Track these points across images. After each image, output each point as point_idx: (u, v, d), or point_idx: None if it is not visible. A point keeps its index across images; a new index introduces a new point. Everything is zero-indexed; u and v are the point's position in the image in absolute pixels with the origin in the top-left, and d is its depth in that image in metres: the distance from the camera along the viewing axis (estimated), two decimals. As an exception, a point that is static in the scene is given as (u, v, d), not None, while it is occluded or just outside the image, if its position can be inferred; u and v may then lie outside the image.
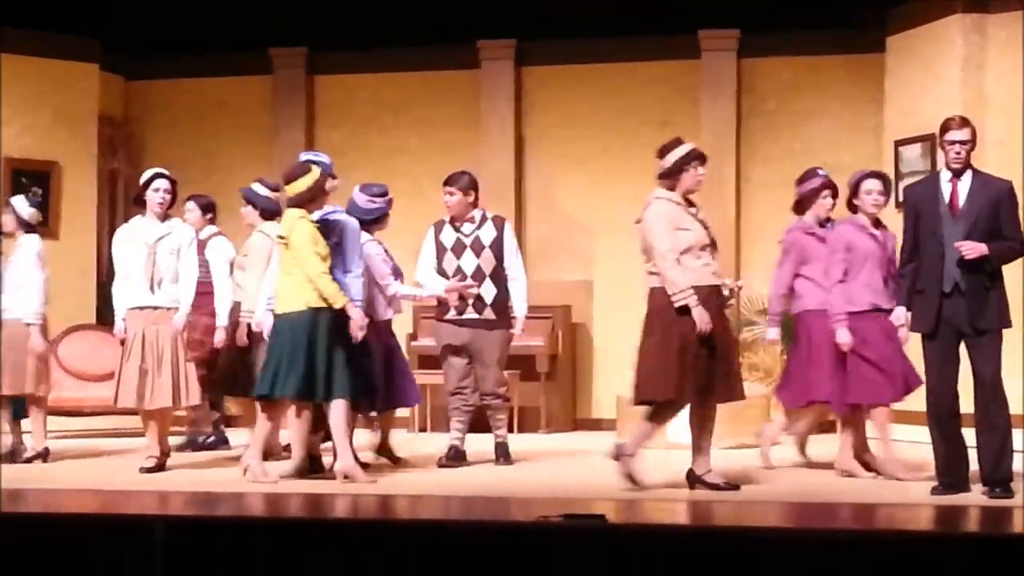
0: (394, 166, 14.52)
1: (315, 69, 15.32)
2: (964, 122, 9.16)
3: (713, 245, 9.37)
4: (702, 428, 9.53)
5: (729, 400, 9.56)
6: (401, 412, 11.39)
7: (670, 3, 14.05)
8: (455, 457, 10.78)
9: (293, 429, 10.05)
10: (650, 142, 14.65)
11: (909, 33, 13.29)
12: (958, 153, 9.04)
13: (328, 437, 9.93)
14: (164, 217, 10.56)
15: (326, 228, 9.90)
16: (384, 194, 10.75)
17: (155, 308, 10.45)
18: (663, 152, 9.42)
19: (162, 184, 10.51)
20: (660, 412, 9.47)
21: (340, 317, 9.68)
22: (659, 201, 9.32)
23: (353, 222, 10.15)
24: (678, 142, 9.50)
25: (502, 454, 10.88)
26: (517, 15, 14.57)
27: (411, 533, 7.38)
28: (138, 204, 10.66)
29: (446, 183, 10.90)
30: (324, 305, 9.66)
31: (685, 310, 9.17)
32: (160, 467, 10.42)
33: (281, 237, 9.87)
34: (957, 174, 9.06)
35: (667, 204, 9.28)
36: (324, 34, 14.97)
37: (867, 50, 13.90)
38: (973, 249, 8.88)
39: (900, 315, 9.14)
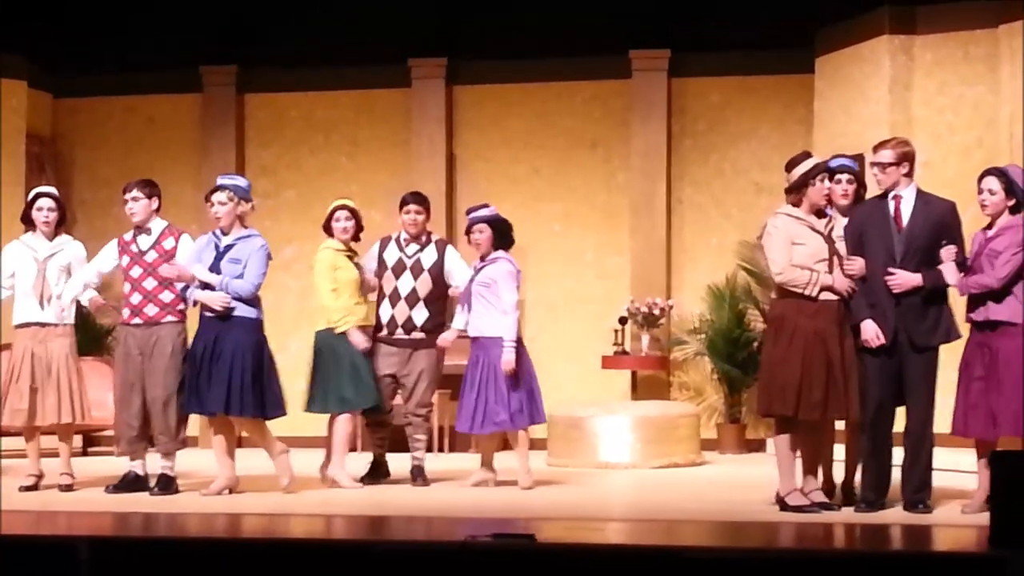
0: (325, 185, 14.48)
1: (245, 88, 15.26)
2: (883, 144, 9.26)
3: (832, 260, 9.20)
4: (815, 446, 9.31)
5: (849, 417, 9.28)
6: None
7: (601, 24, 14.10)
8: (376, 475, 10.92)
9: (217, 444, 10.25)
10: (581, 162, 14.87)
11: (837, 54, 13.39)
12: (875, 175, 9.17)
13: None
14: (54, 235, 10.52)
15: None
16: None
17: (43, 325, 10.40)
18: (789, 167, 9.32)
19: (45, 203, 10.54)
20: (784, 427, 9.23)
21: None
22: (778, 216, 9.25)
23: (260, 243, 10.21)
24: (805, 156, 9.35)
25: (418, 475, 10.85)
26: (448, 35, 14.58)
27: (337, 553, 7.34)
28: (25, 222, 10.61)
29: (414, 202, 10.88)
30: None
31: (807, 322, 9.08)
32: (35, 487, 10.38)
33: None
34: (886, 194, 9.14)
35: (785, 219, 9.20)
36: (255, 53, 14.93)
37: (796, 71, 13.99)
38: (900, 284, 8.99)
39: (870, 329, 9.08)
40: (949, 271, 9.02)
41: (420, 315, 10.81)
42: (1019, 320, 8.90)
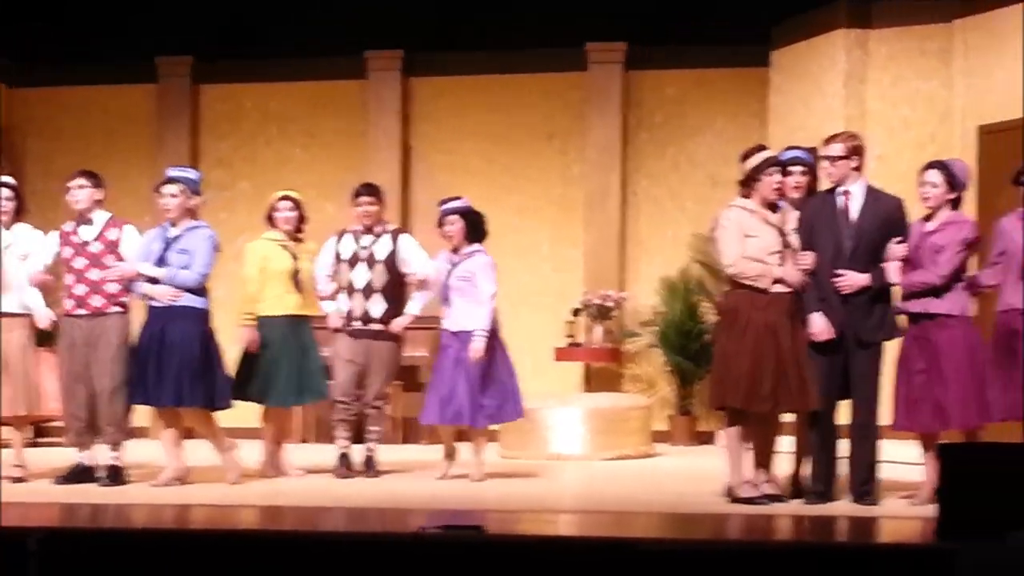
0: (280, 177, 14.41)
1: (201, 79, 15.21)
2: (833, 137, 9.29)
3: (785, 252, 9.17)
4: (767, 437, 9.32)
5: (800, 409, 9.30)
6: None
7: (557, 16, 14.09)
8: (349, 466, 10.78)
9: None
10: (536, 154, 14.87)
11: (793, 48, 13.43)
12: (825, 168, 9.21)
13: None
14: (11, 224, 10.45)
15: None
16: None
17: (1, 315, 10.33)
18: (744, 159, 9.31)
19: (3, 193, 10.43)
20: (735, 419, 9.24)
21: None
22: (731, 208, 9.25)
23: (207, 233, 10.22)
24: (758, 148, 9.34)
25: (371, 466, 10.84)
26: (404, 26, 14.56)
27: (288, 545, 7.32)
28: None
29: (366, 193, 10.85)
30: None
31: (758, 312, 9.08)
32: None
33: None
34: (835, 188, 9.17)
35: (738, 211, 9.20)
36: (210, 44, 14.87)
37: (752, 64, 14.02)
38: (849, 285, 9.04)
39: (819, 323, 9.12)
40: (893, 269, 9.06)
41: (377, 307, 10.76)
42: (957, 312, 8.96)
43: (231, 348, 10.58)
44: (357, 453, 10.87)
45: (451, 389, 10.42)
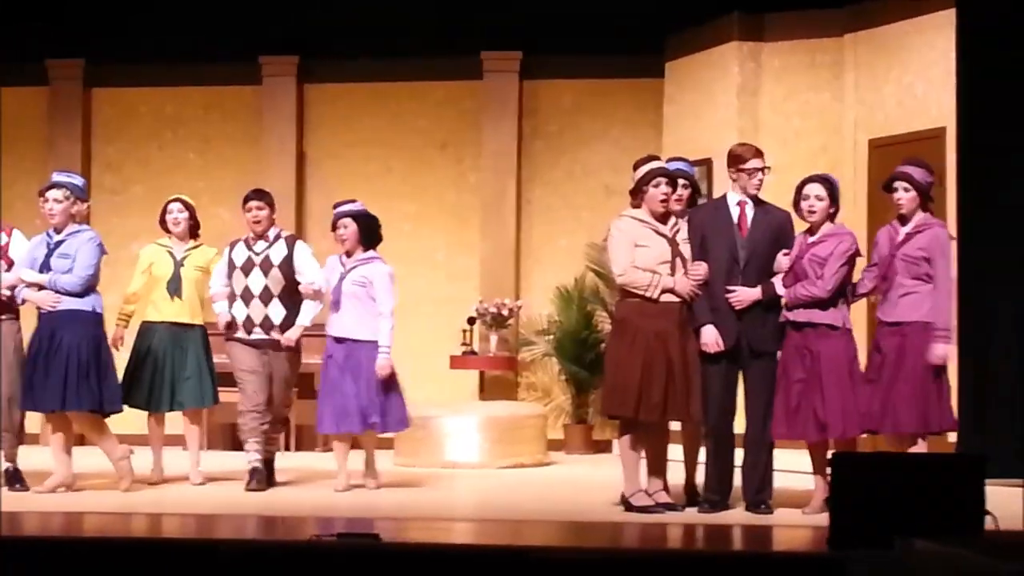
0: (173, 182, 14.28)
1: (93, 82, 15.06)
2: (760, 151, 9.38)
3: (675, 262, 9.20)
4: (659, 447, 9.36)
5: (686, 419, 9.38)
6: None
7: (454, 25, 14.10)
8: (262, 480, 10.54)
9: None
10: (432, 162, 14.87)
11: (687, 59, 13.52)
12: (760, 180, 9.29)
13: None
14: None
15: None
16: None
17: None
18: (635, 168, 9.35)
19: None
20: (627, 428, 9.28)
21: None
22: (621, 218, 9.27)
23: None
24: (650, 158, 9.40)
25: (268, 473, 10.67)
26: (300, 32, 14.51)
27: (181, 552, 7.28)
28: None
29: (255, 198, 10.75)
30: None
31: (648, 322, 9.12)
32: None
33: None
34: (753, 199, 9.27)
35: (628, 221, 9.23)
36: (102, 47, 14.72)
37: (647, 75, 14.10)
38: (741, 301, 9.13)
39: (709, 334, 9.19)
40: (779, 282, 9.18)
41: (277, 313, 10.59)
42: (840, 323, 9.08)
43: (123, 353, 10.52)
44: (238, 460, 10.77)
45: (344, 397, 10.37)
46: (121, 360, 10.58)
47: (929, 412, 8.97)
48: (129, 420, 10.91)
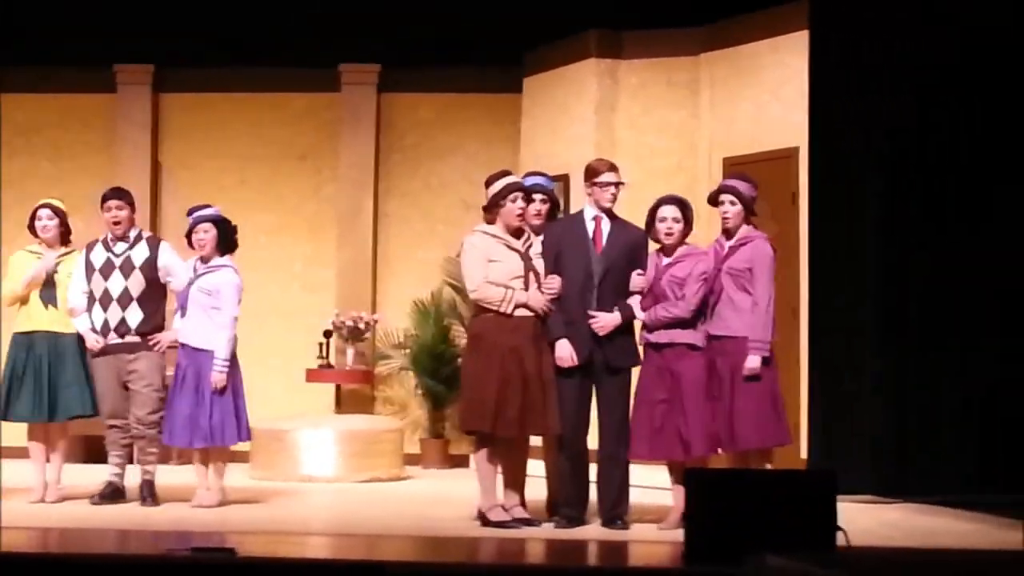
0: (25, 190, 14.03)
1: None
2: (614, 166, 9.45)
3: (528, 277, 9.20)
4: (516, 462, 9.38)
5: (544, 433, 9.42)
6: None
7: (312, 37, 14.06)
8: (111, 495, 10.31)
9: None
10: (289, 174, 14.81)
11: (545, 75, 13.60)
12: (613, 195, 9.34)
13: None
14: None
15: None
16: None
17: None
18: (488, 184, 9.33)
19: None
20: (483, 442, 9.30)
21: None
22: (474, 233, 9.26)
23: None
24: (503, 174, 9.40)
25: (148, 493, 10.31)
26: (156, 40, 14.36)
27: (33, 568, 7.19)
28: None
29: (114, 197, 10.54)
30: None
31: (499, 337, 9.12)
32: None
33: None
34: (608, 214, 9.33)
35: (481, 236, 9.22)
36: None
37: (505, 90, 14.17)
38: (603, 327, 9.18)
39: (564, 349, 9.22)
40: (636, 303, 9.26)
41: (134, 317, 10.34)
42: (700, 343, 9.18)
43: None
44: (133, 477, 10.43)
45: (187, 409, 10.19)
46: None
47: (765, 427, 9.09)
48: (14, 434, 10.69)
